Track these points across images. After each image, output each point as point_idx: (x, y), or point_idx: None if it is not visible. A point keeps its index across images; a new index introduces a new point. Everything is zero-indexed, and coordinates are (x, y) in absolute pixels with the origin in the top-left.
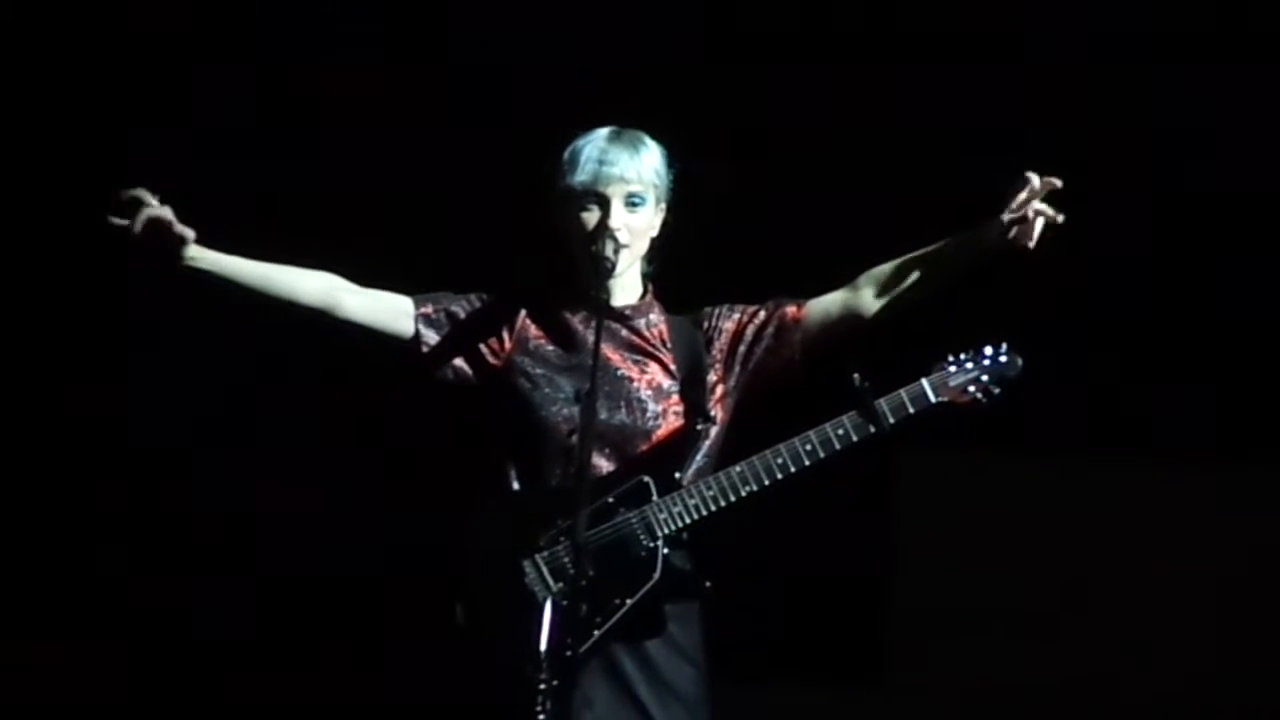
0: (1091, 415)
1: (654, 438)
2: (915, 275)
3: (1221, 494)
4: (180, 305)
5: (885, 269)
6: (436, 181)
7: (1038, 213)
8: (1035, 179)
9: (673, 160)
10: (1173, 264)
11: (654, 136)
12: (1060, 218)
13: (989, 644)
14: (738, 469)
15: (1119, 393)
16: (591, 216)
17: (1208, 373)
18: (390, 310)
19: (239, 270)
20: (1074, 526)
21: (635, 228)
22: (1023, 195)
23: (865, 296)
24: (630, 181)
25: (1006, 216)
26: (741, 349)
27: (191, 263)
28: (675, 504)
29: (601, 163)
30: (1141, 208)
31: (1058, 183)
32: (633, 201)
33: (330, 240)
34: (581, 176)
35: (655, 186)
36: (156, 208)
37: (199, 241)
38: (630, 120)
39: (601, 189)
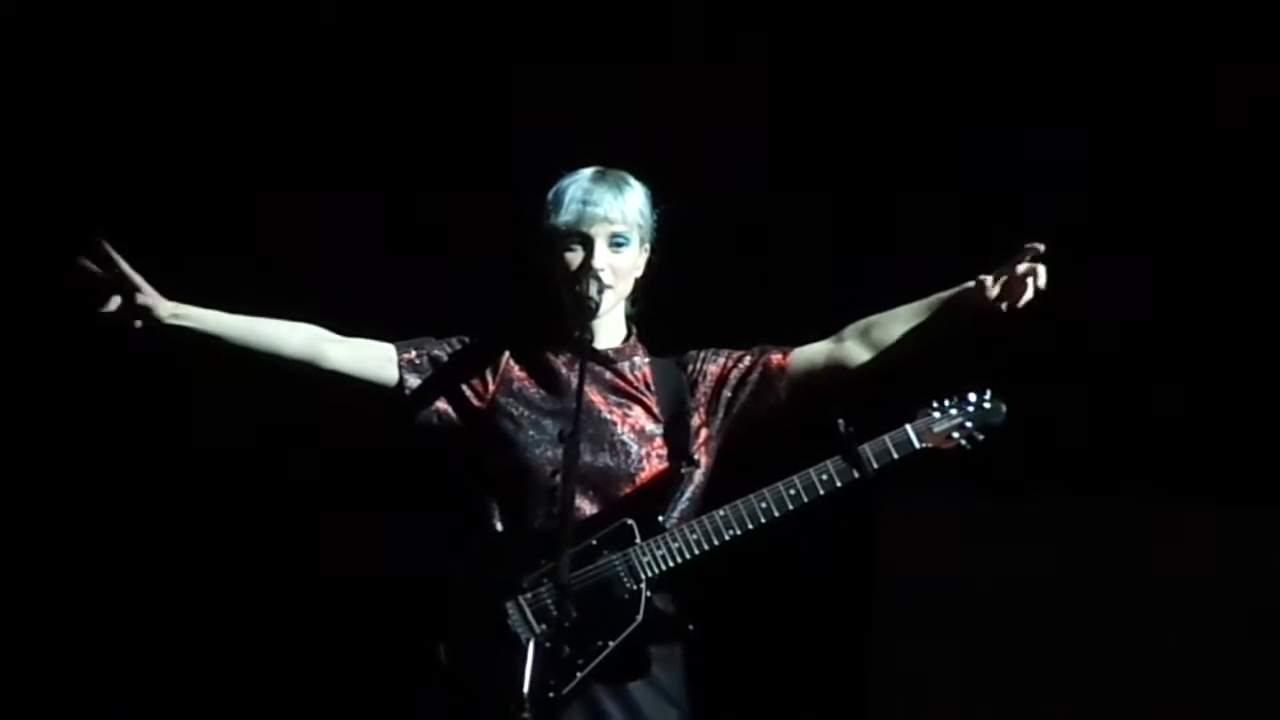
0: (1075, 455)
1: (637, 480)
2: (901, 331)
3: (1221, 535)
4: None
5: (872, 321)
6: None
7: (1031, 274)
8: (1038, 248)
9: (657, 201)
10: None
11: (638, 177)
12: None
13: (971, 689)
14: (721, 513)
15: (1105, 431)
16: (575, 257)
17: (1198, 408)
18: (374, 358)
19: (221, 325)
20: (1062, 569)
21: (619, 268)
22: (1023, 265)
23: (850, 348)
24: (614, 222)
25: (1000, 275)
26: (726, 394)
27: (174, 320)
28: (659, 547)
29: (585, 203)
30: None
31: (1041, 247)
32: (617, 242)
33: (306, 286)
34: (565, 217)
35: (639, 227)
36: (120, 276)
37: (176, 298)
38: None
39: (585, 229)
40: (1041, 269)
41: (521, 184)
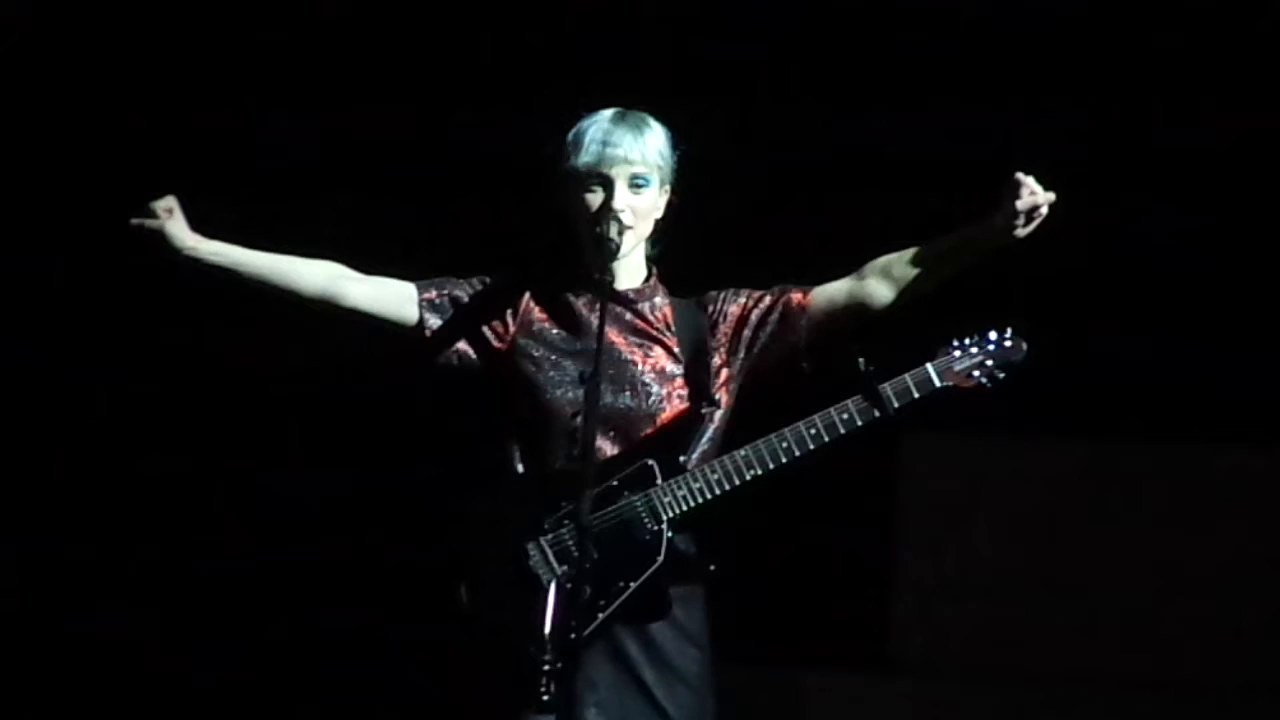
0: (1096, 397)
1: (658, 421)
2: (921, 267)
3: (1227, 474)
4: None
5: (891, 259)
6: (440, 162)
7: (1034, 203)
8: (1029, 179)
9: (677, 142)
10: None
11: (658, 118)
12: (1052, 197)
13: (990, 625)
14: (742, 453)
15: (1127, 373)
16: (595, 198)
17: (1215, 351)
18: (393, 297)
19: (242, 260)
20: (1075, 507)
21: (639, 209)
22: (1025, 191)
23: (871, 286)
24: (634, 163)
25: (1011, 203)
26: (746, 333)
27: (193, 253)
28: (679, 487)
29: (605, 144)
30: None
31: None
32: (637, 183)
33: (332, 225)
34: (585, 158)
35: (659, 168)
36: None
37: (201, 231)
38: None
39: (605, 170)
40: (1040, 191)
41: (542, 123)
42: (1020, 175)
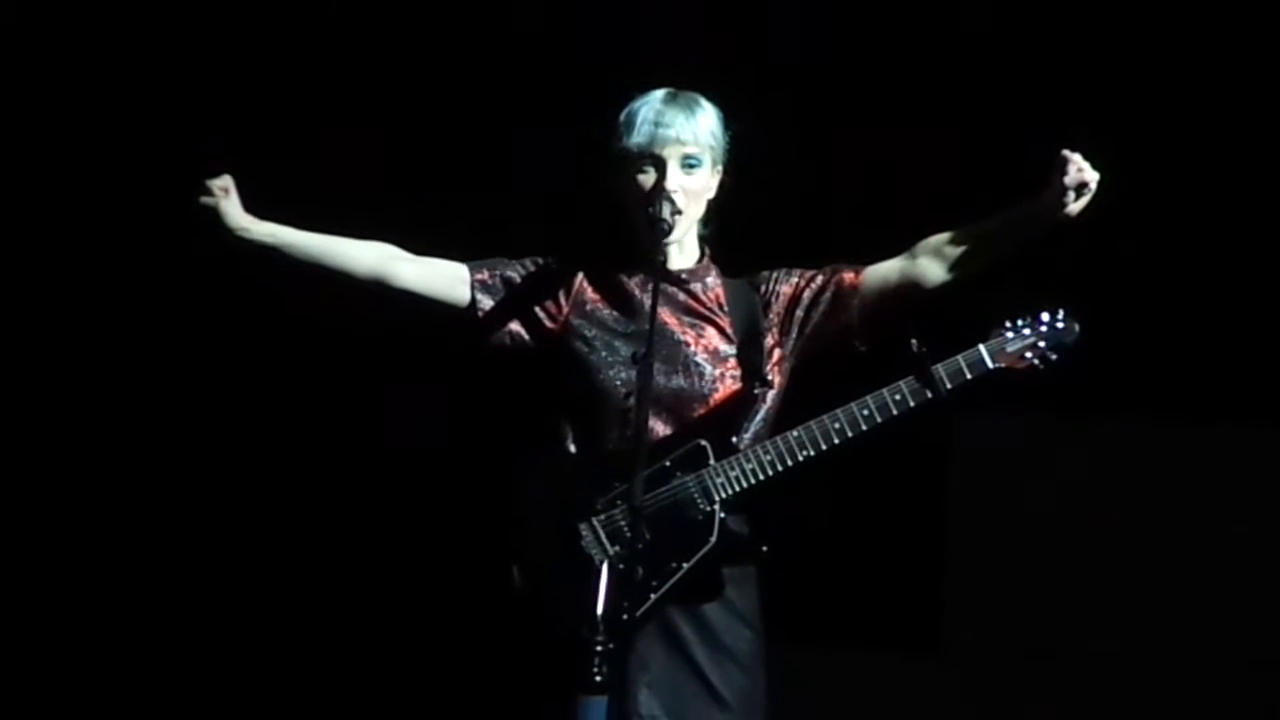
0: (1151, 378)
1: (711, 402)
2: (973, 245)
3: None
4: None
5: (943, 238)
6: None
7: (1081, 179)
8: (1075, 155)
9: (729, 122)
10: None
11: (709, 98)
12: (1096, 176)
13: (1044, 611)
14: (795, 433)
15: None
16: (647, 179)
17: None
18: (446, 278)
19: (293, 242)
20: (1133, 491)
21: (692, 190)
22: (1073, 167)
23: (924, 265)
24: (686, 143)
25: (1062, 181)
26: (799, 313)
27: (245, 233)
28: (732, 468)
29: (658, 124)
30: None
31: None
32: (689, 164)
33: (384, 208)
34: (637, 139)
35: (711, 148)
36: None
37: (253, 213)
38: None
39: (657, 151)
40: (1088, 167)
41: (589, 109)
42: (1067, 151)
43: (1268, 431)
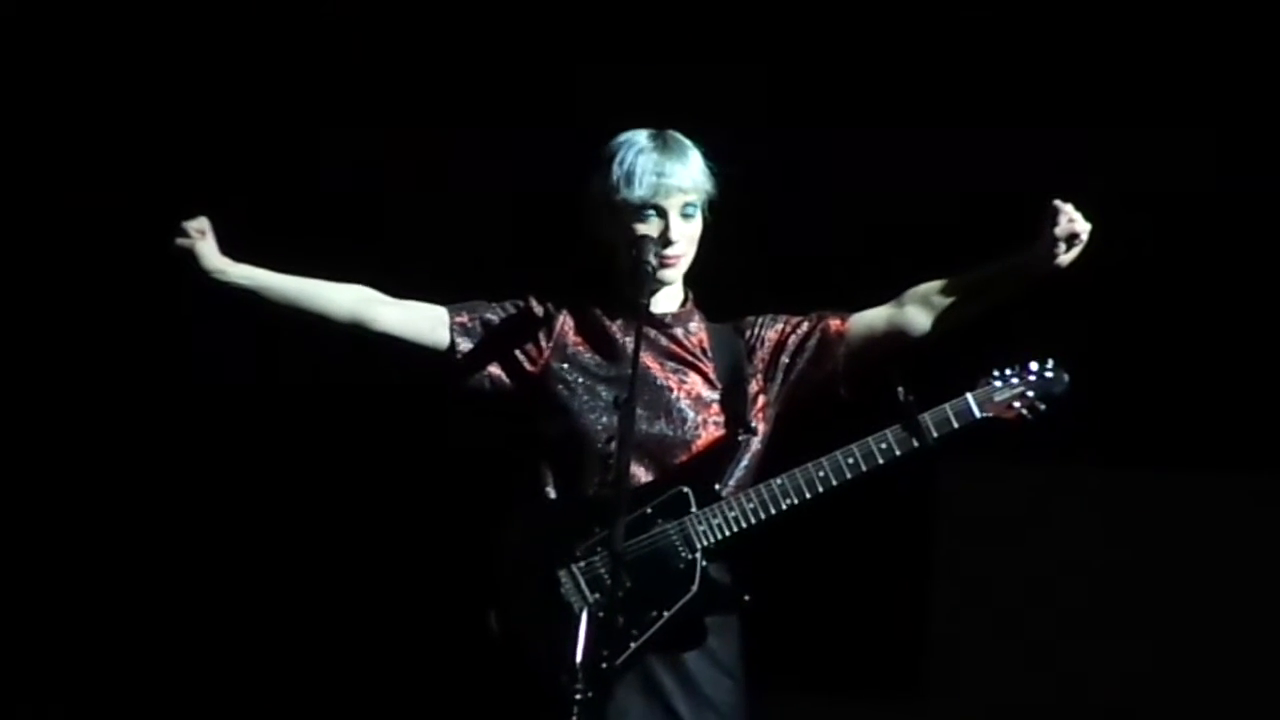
0: (1132, 427)
1: (693, 448)
2: (962, 295)
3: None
4: None
5: (932, 287)
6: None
7: (1072, 230)
8: (1066, 206)
9: (712, 161)
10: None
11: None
12: (1088, 227)
13: (1026, 660)
14: (778, 481)
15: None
16: (648, 228)
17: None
18: (425, 321)
19: (270, 285)
20: (1118, 539)
21: (691, 237)
22: (1063, 218)
23: (911, 313)
24: (687, 192)
25: (1052, 231)
26: (784, 359)
27: (220, 276)
28: (714, 516)
29: (660, 175)
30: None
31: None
32: (687, 212)
33: (361, 246)
34: (641, 191)
35: (705, 192)
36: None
37: (231, 255)
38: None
39: (661, 202)
40: (1079, 218)
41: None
42: (1058, 202)
43: (1262, 477)
